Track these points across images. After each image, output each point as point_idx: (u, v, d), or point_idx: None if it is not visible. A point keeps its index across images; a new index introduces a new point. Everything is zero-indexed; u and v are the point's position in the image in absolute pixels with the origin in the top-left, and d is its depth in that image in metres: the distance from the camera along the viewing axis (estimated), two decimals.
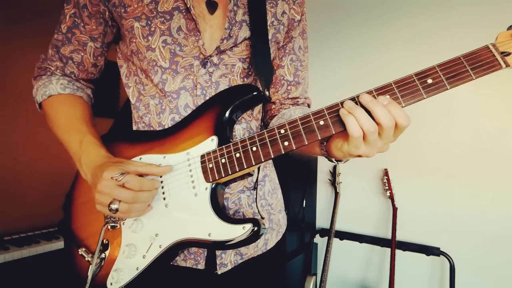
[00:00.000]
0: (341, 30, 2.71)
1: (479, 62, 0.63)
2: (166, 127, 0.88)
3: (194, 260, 0.88)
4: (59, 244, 2.06)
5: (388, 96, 0.66)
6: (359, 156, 0.69)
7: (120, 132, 0.99)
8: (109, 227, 0.78)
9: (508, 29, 0.65)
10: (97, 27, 0.91)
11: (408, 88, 0.66)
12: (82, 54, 0.94)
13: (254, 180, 0.96)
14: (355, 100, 0.68)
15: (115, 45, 0.99)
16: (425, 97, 0.65)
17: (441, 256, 2.18)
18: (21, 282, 1.88)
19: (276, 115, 1.05)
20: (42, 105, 0.95)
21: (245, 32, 0.89)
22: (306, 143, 0.70)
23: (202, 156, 0.78)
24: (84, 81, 1.01)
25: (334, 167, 2.63)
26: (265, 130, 0.74)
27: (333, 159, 0.80)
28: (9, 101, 2.22)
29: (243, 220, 0.74)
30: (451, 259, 2.11)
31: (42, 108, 0.96)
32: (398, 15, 2.45)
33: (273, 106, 1.07)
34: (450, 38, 2.21)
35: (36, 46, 2.31)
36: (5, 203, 2.17)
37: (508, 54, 0.62)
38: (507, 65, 0.63)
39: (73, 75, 0.97)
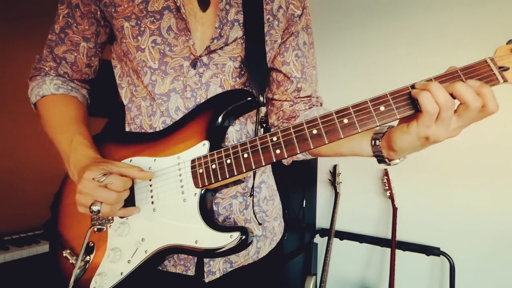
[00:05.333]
0: (341, 30, 2.69)
1: (477, 76, 0.61)
2: (158, 129, 0.86)
3: (184, 266, 0.86)
4: None
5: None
6: (427, 140, 0.65)
7: (113, 133, 0.98)
8: (95, 229, 0.76)
9: (507, 43, 0.62)
10: (90, 27, 0.90)
11: (402, 100, 0.64)
12: (75, 54, 0.93)
13: (250, 186, 0.93)
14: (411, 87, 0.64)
15: (111, 45, 0.98)
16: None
17: (441, 256, 2.17)
18: (21, 282, 1.88)
19: (293, 116, 1.00)
20: (37, 105, 0.95)
21: (236, 32, 0.86)
22: (298, 152, 0.69)
23: (193, 161, 0.77)
24: (79, 82, 1.00)
25: (334, 167, 2.62)
26: (257, 137, 0.72)
27: (386, 160, 0.75)
28: (9, 101, 2.21)
29: (231, 228, 0.72)
30: (451, 259, 2.10)
31: (37, 108, 0.95)
32: (398, 15, 2.43)
33: (284, 107, 1.02)
34: (451, 38, 2.19)
35: (36, 47, 2.30)
36: (5, 203, 2.17)
37: (507, 69, 0.61)
38: (505, 80, 0.61)
39: (67, 76, 0.97)
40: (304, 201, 2.54)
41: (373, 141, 0.76)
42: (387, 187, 2.34)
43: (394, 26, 2.45)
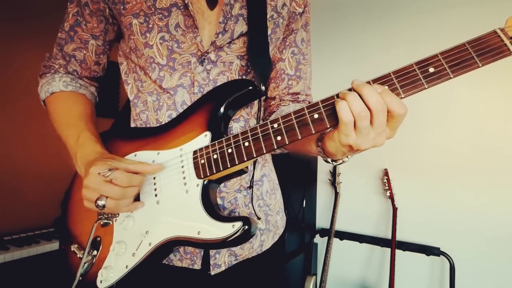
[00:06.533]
0: (341, 30, 2.70)
1: (486, 48, 0.58)
2: (163, 123, 0.87)
3: (191, 260, 0.87)
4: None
5: (386, 87, 0.62)
6: (351, 148, 0.65)
7: (118, 129, 0.99)
8: (101, 223, 0.77)
9: None
10: (98, 25, 0.92)
11: (408, 78, 0.61)
12: (84, 52, 0.95)
13: (250, 179, 0.94)
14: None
15: (118, 44, 1.00)
16: (426, 87, 0.61)
17: (441, 256, 2.17)
18: (21, 282, 1.88)
19: (274, 111, 1.02)
20: (46, 102, 0.96)
21: (241, 27, 0.87)
22: (300, 138, 0.67)
23: (195, 152, 0.77)
24: (88, 79, 1.01)
25: (334, 167, 2.62)
26: (258, 125, 0.72)
27: (329, 159, 0.76)
28: (9, 101, 2.21)
29: (233, 218, 0.71)
30: (451, 259, 2.10)
31: (46, 105, 0.97)
32: (398, 15, 2.45)
33: (272, 102, 1.04)
34: (450, 38, 2.17)
35: (36, 46, 2.33)
36: (5, 203, 2.17)
37: None
38: None
39: (76, 73, 0.98)
40: (304, 201, 2.54)
41: (318, 142, 0.77)
42: (387, 187, 2.34)
43: (393, 26, 2.47)
